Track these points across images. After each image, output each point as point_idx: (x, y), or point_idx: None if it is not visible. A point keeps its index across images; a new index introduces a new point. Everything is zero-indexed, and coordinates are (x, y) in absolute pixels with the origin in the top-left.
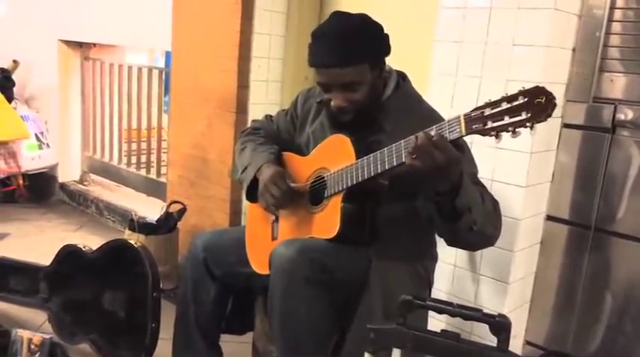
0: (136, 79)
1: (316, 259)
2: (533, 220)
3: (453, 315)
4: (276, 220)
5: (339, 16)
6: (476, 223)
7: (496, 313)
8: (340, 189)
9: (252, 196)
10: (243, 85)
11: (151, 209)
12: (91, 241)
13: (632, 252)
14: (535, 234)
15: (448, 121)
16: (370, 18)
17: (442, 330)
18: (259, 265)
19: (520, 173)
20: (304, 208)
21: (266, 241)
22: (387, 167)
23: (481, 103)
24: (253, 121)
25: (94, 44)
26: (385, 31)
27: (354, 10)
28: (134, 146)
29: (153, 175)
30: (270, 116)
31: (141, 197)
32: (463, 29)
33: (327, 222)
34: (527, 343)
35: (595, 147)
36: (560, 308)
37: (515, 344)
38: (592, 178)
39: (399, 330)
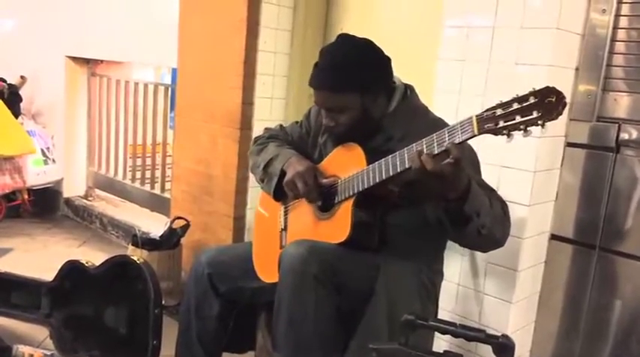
0: (142, 96)
1: (326, 261)
2: (538, 239)
3: (455, 335)
4: (285, 229)
5: (342, 39)
6: (484, 226)
7: (499, 334)
8: (351, 194)
9: (277, 193)
10: (247, 101)
11: (154, 225)
12: (94, 256)
13: (638, 272)
14: (539, 253)
15: (460, 122)
16: (371, 45)
17: (445, 351)
18: (267, 273)
19: (524, 192)
20: (313, 215)
21: (274, 250)
22: (398, 170)
23: None
24: (266, 129)
25: (102, 61)
26: (385, 57)
27: (358, 27)
28: (139, 162)
29: (157, 191)
30: (283, 126)
31: (145, 212)
32: (466, 47)
33: (338, 226)
34: None
35: (599, 166)
36: (564, 329)
37: None
38: (596, 197)
39: (401, 350)
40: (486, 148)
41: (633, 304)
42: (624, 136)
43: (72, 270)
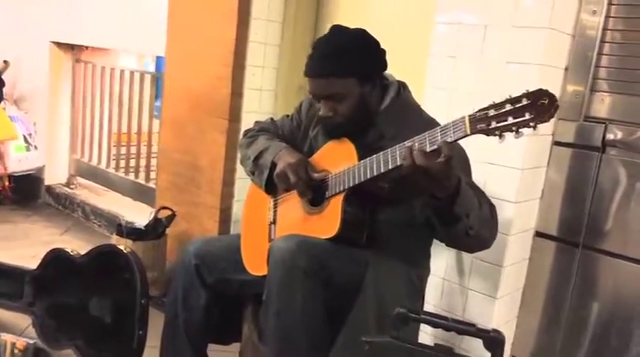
0: (128, 84)
1: (315, 256)
2: (523, 236)
3: (447, 329)
4: (274, 222)
5: (336, 29)
6: (472, 228)
7: (490, 329)
8: (342, 189)
9: (267, 185)
10: (236, 92)
11: (138, 214)
12: (76, 245)
13: (619, 269)
14: (524, 250)
15: (453, 122)
16: (367, 34)
17: (435, 344)
18: (255, 266)
19: (511, 189)
20: (303, 209)
21: (263, 243)
22: (390, 167)
23: None
24: (257, 122)
25: (87, 47)
26: (381, 47)
27: (349, 21)
28: (123, 150)
29: (141, 180)
30: (274, 120)
31: (128, 202)
32: (457, 44)
33: (327, 221)
34: None
35: (585, 165)
36: (546, 324)
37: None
38: (581, 196)
39: (393, 343)
40: (474, 145)
41: (614, 300)
42: (610, 136)
43: (56, 258)
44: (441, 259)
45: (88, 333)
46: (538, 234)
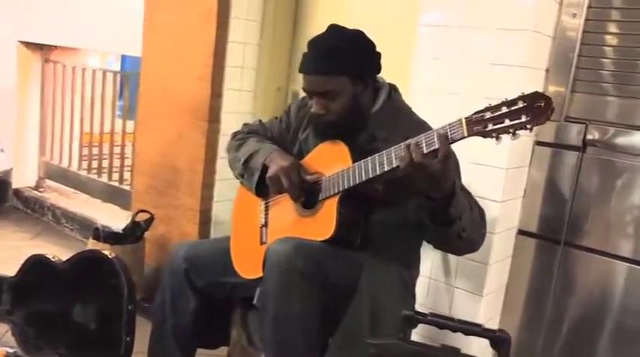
0: (101, 84)
1: (312, 258)
2: (507, 234)
3: (454, 330)
4: (265, 225)
5: (333, 28)
6: (465, 230)
7: (496, 329)
8: (337, 191)
9: (258, 188)
10: (216, 93)
11: (111, 217)
12: (49, 250)
13: (599, 266)
14: (508, 248)
15: (449, 124)
16: (364, 35)
17: (442, 344)
18: (246, 269)
19: (496, 188)
20: (296, 211)
21: (254, 246)
22: (385, 169)
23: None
24: (245, 124)
25: (56, 46)
26: (377, 50)
27: (328, 22)
28: (95, 151)
29: (114, 182)
30: (262, 122)
31: (100, 205)
32: (442, 46)
33: (322, 224)
34: None
35: (566, 164)
36: (528, 321)
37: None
38: (562, 194)
39: (401, 345)
40: (458, 144)
41: (595, 297)
42: (590, 136)
43: (36, 265)
44: (427, 258)
45: (71, 341)
46: (521, 232)
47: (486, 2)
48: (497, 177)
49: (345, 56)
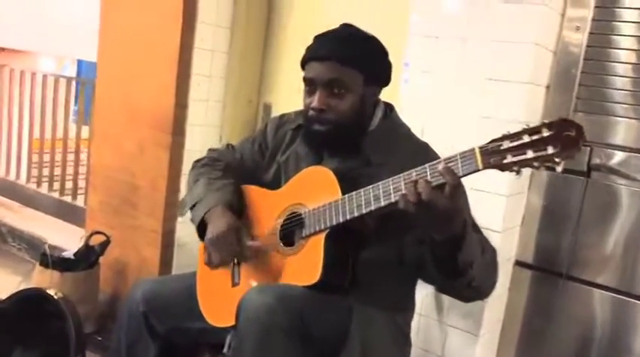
0: (52, 89)
1: (296, 309)
2: (504, 265)
3: None
4: (238, 263)
5: (346, 24)
6: (475, 279)
7: None
8: (323, 227)
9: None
10: (181, 104)
11: (63, 236)
12: None
13: (604, 302)
14: (505, 280)
15: (460, 154)
16: (379, 40)
17: None
18: (215, 316)
19: (497, 217)
20: (275, 249)
21: (224, 288)
22: (382, 204)
23: (453, 137)
24: (210, 149)
25: (3, 49)
26: (389, 59)
27: (302, 30)
28: (46, 159)
29: (67, 197)
30: (232, 145)
31: (51, 221)
32: (433, 58)
33: (306, 266)
34: None
35: (569, 190)
36: None
37: None
38: (565, 222)
39: None
40: None
41: (600, 336)
42: (596, 160)
43: None
44: (417, 292)
45: None
46: (518, 263)
47: (482, 12)
48: (498, 204)
49: (363, 51)
